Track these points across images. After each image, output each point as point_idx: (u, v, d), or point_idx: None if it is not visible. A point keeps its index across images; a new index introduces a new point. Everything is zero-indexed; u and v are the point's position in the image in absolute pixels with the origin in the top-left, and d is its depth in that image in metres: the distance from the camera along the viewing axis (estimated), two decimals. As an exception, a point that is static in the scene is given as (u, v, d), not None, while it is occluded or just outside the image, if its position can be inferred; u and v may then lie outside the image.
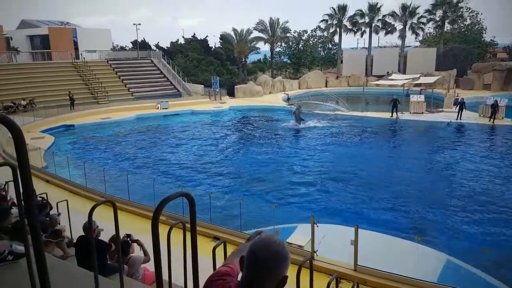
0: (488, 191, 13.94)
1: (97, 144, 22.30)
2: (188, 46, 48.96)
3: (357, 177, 15.73)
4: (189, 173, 16.86)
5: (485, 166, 16.89)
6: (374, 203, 13.09)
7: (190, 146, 21.68)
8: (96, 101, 32.89)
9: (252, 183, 15.52)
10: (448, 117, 26.13)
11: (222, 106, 33.55)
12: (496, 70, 37.48)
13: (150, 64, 41.66)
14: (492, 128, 24.14)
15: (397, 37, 47.69)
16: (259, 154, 19.90)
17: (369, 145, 21.55)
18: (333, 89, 40.66)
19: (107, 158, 19.35)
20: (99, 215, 5.78)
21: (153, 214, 1.94)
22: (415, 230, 10.78)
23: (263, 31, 46.73)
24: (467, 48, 44.20)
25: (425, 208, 12.61)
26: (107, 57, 41.02)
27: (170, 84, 39.03)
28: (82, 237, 5.67)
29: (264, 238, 1.61)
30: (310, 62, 51.55)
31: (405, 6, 44.95)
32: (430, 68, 40.39)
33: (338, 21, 47.30)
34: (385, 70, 42.31)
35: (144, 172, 16.82)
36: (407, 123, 26.32)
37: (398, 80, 34.21)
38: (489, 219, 11.73)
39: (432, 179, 15.73)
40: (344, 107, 30.84)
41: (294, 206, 12.89)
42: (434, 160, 18.38)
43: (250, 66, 51.13)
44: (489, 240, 10.40)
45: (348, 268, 7.63)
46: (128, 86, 36.74)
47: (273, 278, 1.53)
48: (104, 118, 28.10)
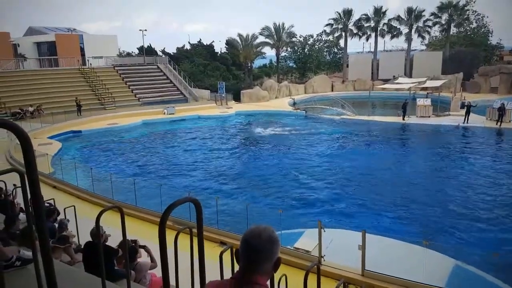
0: (497, 195, 13.78)
1: (104, 150, 22.42)
2: (194, 52, 49.23)
3: (366, 182, 15.65)
4: (196, 178, 16.88)
5: (493, 169, 16.72)
6: (382, 207, 13.00)
7: (197, 151, 21.73)
8: (103, 107, 33.13)
9: (259, 187, 15.49)
10: (455, 121, 25.95)
11: (228, 111, 33.62)
12: (502, 73, 37.21)
13: (157, 69, 41.93)
14: (499, 131, 23.92)
15: (403, 40, 47.60)
16: (266, 159, 19.88)
17: (377, 149, 21.45)
18: (339, 93, 40.59)
19: (114, 164, 19.44)
20: (106, 221, 5.80)
21: (160, 220, 1.95)
22: (422, 234, 10.67)
23: (269, 36, 46.86)
24: (473, 51, 43.91)
25: (433, 212, 12.50)
26: (114, 63, 41.35)
27: (177, 89, 39.24)
28: (89, 242, 5.68)
29: (253, 228, 1.72)
30: (316, 66, 51.58)
31: (411, 9, 44.83)
32: (436, 71, 40.18)
33: (343, 25, 47.30)
34: (391, 74, 42.14)
35: (151, 177, 16.87)
36: (414, 126, 26.17)
37: (404, 84, 34.08)
38: (497, 223, 11.60)
39: (441, 183, 15.59)
40: (350, 111, 30.77)
41: (301, 211, 12.84)
42: (442, 164, 18.23)
43: (256, 71, 51.25)
44: (498, 244, 10.27)
45: (356, 273, 7.57)
46: (135, 92, 36.99)
47: (269, 261, 1.68)
48: (111, 124, 28.27)
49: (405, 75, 41.77)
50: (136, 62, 43.22)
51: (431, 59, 42.43)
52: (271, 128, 28.13)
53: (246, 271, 1.68)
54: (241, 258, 1.70)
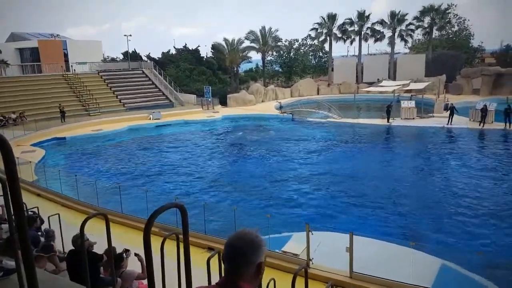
0: (481, 194, 14.04)
1: (89, 156, 22.12)
2: (179, 57, 49.08)
3: (351, 184, 15.78)
4: (183, 183, 16.78)
5: (477, 169, 17.05)
6: (368, 209, 13.12)
7: (183, 156, 21.61)
8: (87, 113, 32.69)
9: (246, 191, 15.48)
10: (439, 122, 26.41)
11: (215, 115, 33.57)
12: (484, 75, 38.06)
13: (142, 75, 41.62)
14: (482, 132, 24.43)
15: (387, 44, 48.36)
16: (253, 163, 19.89)
17: (362, 151, 21.67)
18: (324, 96, 40.92)
19: (99, 170, 19.18)
20: (92, 228, 5.72)
21: (145, 226, 1.93)
22: (409, 235, 10.81)
23: (254, 41, 47.05)
24: (456, 54, 44.85)
25: (418, 213, 12.67)
26: (98, 69, 40.87)
27: (162, 94, 38.98)
28: (72, 250, 5.59)
29: (238, 231, 1.73)
30: (301, 70, 51.97)
31: (394, 13, 45.59)
32: (420, 74, 40.88)
33: (328, 30, 47.80)
34: (375, 77, 42.72)
35: (137, 183, 16.69)
36: (399, 128, 26.55)
37: (389, 87, 34.59)
38: (480, 221, 11.81)
39: (425, 183, 15.83)
40: (336, 114, 31.04)
41: (288, 215, 12.86)
42: (426, 165, 18.52)
43: (242, 75, 51.36)
44: (481, 243, 10.46)
45: (344, 275, 7.61)
46: (120, 97, 36.61)
47: (251, 266, 1.65)
48: (96, 130, 27.92)
49: (389, 78, 42.39)
50: (120, 68, 42.83)
51: (415, 62, 43.16)
52: (257, 132, 28.18)
53: (229, 276, 1.67)
54: (225, 262, 1.69)
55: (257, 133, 27.73)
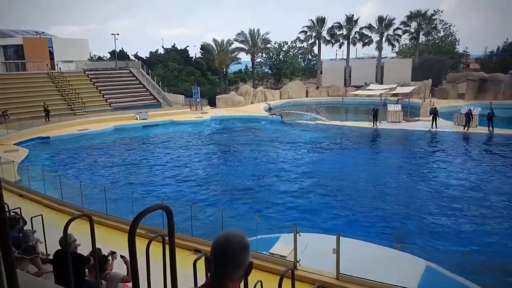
0: (465, 196, 14.26)
1: (73, 157, 21.79)
2: (168, 56, 48.73)
3: (339, 185, 15.87)
4: (169, 184, 16.64)
5: (462, 172, 17.33)
6: (354, 210, 13.20)
7: (170, 156, 21.44)
8: (72, 113, 32.21)
9: (233, 193, 15.42)
10: (425, 126, 26.78)
11: (204, 116, 33.42)
12: (469, 80, 38.79)
13: (129, 74, 41.20)
14: (466, 136, 24.85)
15: (374, 48, 48.88)
16: (241, 164, 19.85)
17: (349, 154, 21.84)
18: (313, 99, 41.16)
19: (84, 171, 18.90)
20: (76, 230, 5.61)
21: (130, 228, 1.89)
22: (395, 237, 10.90)
23: (244, 42, 47.06)
24: (441, 59, 45.61)
25: (404, 215, 12.80)
26: (84, 68, 40.32)
27: (150, 94, 38.65)
28: (58, 251, 5.48)
29: (224, 234, 1.70)
30: (290, 72, 52.18)
31: (381, 18, 46.12)
32: (406, 78, 41.43)
33: (317, 33, 48.10)
34: (363, 80, 43.14)
35: (122, 184, 16.50)
36: (385, 131, 26.82)
37: (376, 90, 34.96)
38: (465, 223, 11.99)
39: (411, 186, 16.01)
40: (324, 116, 31.22)
41: (276, 216, 12.86)
42: (411, 167, 18.74)
43: (231, 76, 51.29)
44: (466, 245, 10.62)
45: (331, 276, 7.62)
46: (106, 96, 36.16)
47: (241, 267, 1.65)
48: (81, 130, 27.53)
49: (376, 82, 42.87)
50: (107, 67, 42.34)
51: (401, 66, 43.73)
52: (246, 133, 28.15)
53: (217, 278, 1.65)
54: (212, 264, 1.66)
55: (245, 135, 27.71)
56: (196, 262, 4.11)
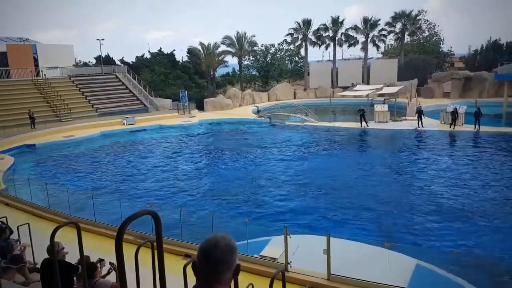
0: (453, 194, 14.45)
1: (60, 164, 21.48)
2: (154, 61, 48.43)
3: (328, 186, 15.94)
4: (158, 189, 16.50)
5: (450, 169, 17.56)
6: (344, 210, 13.26)
7: (158, 161, 21.29)
8: (58, 119, 31.75)
9: (224, 196, 15.37)
10: (412, 125, 27.10)
11: (192, 120, 33.28)
12: (454, 78, 39.40)
13: (115, 79, 40.82)
14: (453, 134, 25.21)
15: (360, 49, 49.34)
16: (231, 167, 19.80)
17: (338, 154, 21.96)
18: (301, 100, 41.32)
19: (71, 178, 18.63)
20: (64, 238, 5.52)
21: (117, 234, 1.86)
22: (384, 236, 10.98)
23: (231, 45, 47.06)
24: (426, 59, 46.23)
25: (393, 213, 12.91)
26: (70, 74, 39.81)
27: (136, 99, 38.31)
28: (46, 260, 5.39)
29: (210, 237, 1.70)
30: (278, 74, 52.30)
31: (366, 19, 46.59)
32: (392, 78, 41.89)
33: (303, 35, 48.37)
34: (350, 81, 43.49)
35: (110, 190, 16.31)
36: (373, 131, 27.06)
37: (363, 91, 35.27)
38: (453, 221, 12.14)
39: (399, 184, 16.16)
40: (313, 118, 31.37)
41: (267, 218, 12.84)
42: (398, 166, 18.94)
43: (219, 80, 51.20)
44: (458, 243, 10.75)
45: (322, 277, 7.62)
46: (92, 102, 35.74)
47: (229, 270, 1.65)
48: (67, 136, 27.16)
49: (363, 83, 43.25)
50: (93, 72, 41.87)
51: (387, 67, 44.21)
52: (235, 136, 28.12)
53: (204, 281, 1.64)
54: (200, 269, 1.66)
55: (234, 138, 27.67)
56: (186, 267, 4.07)
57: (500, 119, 30.78)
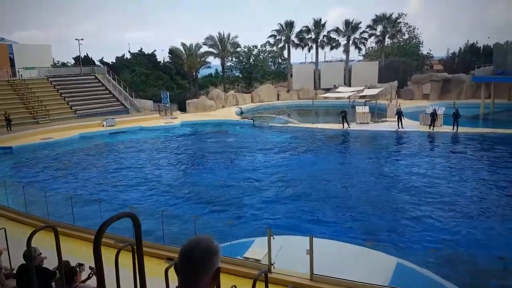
0: (431, 193, 14.73)
1: (37, 167, 20.95)
2: (135, 61, 47.72)
3: (310, 186, 16.03)
4: (139, 192, 16.26)
5: (429, 169, 17.90)
6: (326, 211, 13.36)
7: (139, 163, 20.98)
8: (35, 121, 30.95)
9: (206, 199, 15.26)
10: (392, 126, 27.55)
11: (173, 121, 32.97)
12: (433, 80, 40.30)
13: (94, 80, 40.07)
14: (432, 135, 25.75)
15: (342, 51, 49.91)
16: (213, 169, 19.69)
17: (320, 155, 22.11)
18: (284, 102, 41.50)
19: (49, 181, 18.19)
20: (43, 242, 5.37)
21: (95, 238, 1.81)
22: (366, 236, 11.10)
23: (213, 46, 46.90)
24: (406, 61, 47.15)
25: (373, 214, 13.07)
26: (48, 74, 38.87)
27: (116, 100, 37.65)
28: (22, 266, 5.23)
29: (191, 239, 1.68)
30: (261, 76, 52.39)
31: (348, 22, 47.21)
32: (373, 80, 42.52)
33: (286, 37, 48.63)
34: (332, 83, 43.93)
35: (89, 193, 15.99)
36: (355, 133, 27.38)
37: (344, 93, 35.68)
38: (433, 219, 12.38)
39: (380, 184, 16.38)
40: (296, 119, 31.53)
41: (250, 220, 12.82)
42: (379, 166, 19.22)
43: (201, 81, 50.90)
44: (434, 241, 10.96)
45: (305, 278, 7.65)
46: (71, 104, 34.97)
47: (209, 273, 1.62)
48: (45, 139, 26.53)
49: (345, 84, 43.76)
50: (72, 73, 41.00)
51: (368, 69, 44.87)
52: (218, 138, 28.00)
53: (184, 284, 1.61)
54: (180, 270, 1.63)
55: (217, 139, 27.55)
56: (167, 270, 4.01)
57: (477, 120, 31.61)
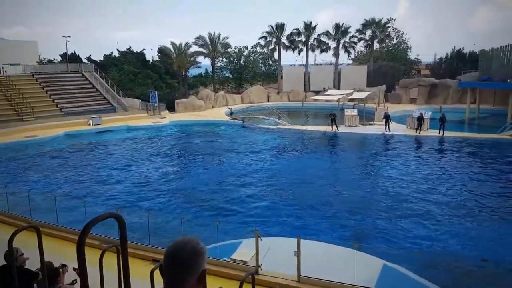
0: (417, 196, 14.89)
1: (21, 165, 20.54)
2: (123, 59, 47.22)
3: (298, 187, 16.06)
4: (125, 193, 16.07)
5: (415, 172, 18.10)
6: (314, 212, 13.39)
7: (125, 163, 20.75)
8: (20, 118, 30.37)
9: (193, 200, 15.16)
10: (379, 129, 27.83)
11: (162, 121, 32.72)
12: (420, 85, 40.87)
13: (81, 78, 39.51)
14: (418, 138, 26.07)
15: (332, 55, 50.24)
16: (200, 170, 19.58)
17: (309, 157, 22.19)
18: (274, 103, 41.60)
19: (32, 180, 17.85)
20: (25, 243, 5.23)
21: (78, 238, 1.76)
22: (353, 237, 11.16)
23: (203, 46, 46.74)
24: (394, 65, 47.70)
25: (359, 215, 13.15)
26: (33, 71, 38.20)
27: (103, 98, 37.17)
28: (4, 266, 5.08)
29: (177, 241, 1.67)
30: (251, 77, 52.39)
31: (338, 25, 47.55)
32: (362, 84, 42.91)
33: (277, 39, 48.75)
34: (321, 86, 44.19)
35: (74, 193, 15.73)
36: (343, 135, 27.56)
37: (334, 96, 35.92)
38: (414, 221, 12.51)
39: (367, 186, 16.49)
40: (285, 121, 31.59)
41: (238, 221, 12.77)
42: (365, 168, 19.38)
43: (191, 80, 50.64)
44: (417, 243, 11.08)
45: (292, 279, 7.63)
46: (57, 101, 34.41)
47: (194, 274, 1.60)
48: (30, 137, 26.08)
49: (334, 87, 44.05)
50: (58, 70, 40.34)
51: (357, 73, 45.24)
52: (206, 138, 27.87)
53: (170, 285, 1.59)
54: (165, 272, 1.61)
55: (206, 140, 27.42)
56: (153, 272, 3.94)
57: (463, 124, 32.16)
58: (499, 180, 16.98)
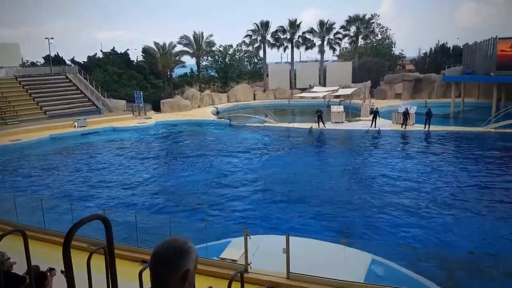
0: (404, 190, 15.12)
1: (6, 169, 20.18)
2: (107, 60, 46.68)
3: (287, 185, 16.13)
4: (111, 194, 15.93)
5: (398, 168, 18.37)
6: (302, 209, 13.48)
7: (112, 165, 20.55)
8: (3, 122, 29.77)
9: (180, 200, 15.11)
10: (366, 125, 28.12)
11: (147, 121, 32.48)
12: (405, 80, 41.40)
13: (65, 80, 38.90)
14: (404, 133, 26.43)
15: (317, 52, 50.49)
16: (187, 170, 19.51)
17: (296, 154, 22.30)
18: (261, 101, 41.65)
19: (18, 184, 17.55)
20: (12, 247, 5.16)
21: (64, 240, 1.77)
22: (340, 233, 11.28)
23: (188, 45, 46.49)
24: (379, 61, 48.17)
25: (347, 211, 13.30)
26: (16, 74, 37.46)
27: (88, 100, 36.67)
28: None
29: (165, 240, 1.67)
30: (237, 75, 52.31)
31: (322, 22, 47.79)
32: (347, 80, 43.23)
33: (262, 37, 48.77)
34: (307, 83, 44.39)
35: (61, 196, 15.54)
36: (330, 132, 27.77)
37: (320, 92, 36.14)
38: (402, 216, 12.71)
39: (353, 182, 16.67)
40: (272, 119, 31.67)
41: (226, 220, 12.78)
42: (353, 164, 19.57)
43: (176, 80, 50.33)
44: (406, 238, 11.26)
45: (281, 277, 7.68)
46: (41, 104, 33.82)
47: (176, 273, 1.58)
48: (14, 140, 25.65)
49: (320, 84, 44.29)
50: (42, 73, 39.63)
51: (342, 69, 45.58)
52: (193, 138, 27.77)
53: (155, 285, 1.60)
54: (150, 272, 1.62)
55: (193, 139, 27.32)
56: (142, 273, 3.95)
57: (448, 118, 32.69)
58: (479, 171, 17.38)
